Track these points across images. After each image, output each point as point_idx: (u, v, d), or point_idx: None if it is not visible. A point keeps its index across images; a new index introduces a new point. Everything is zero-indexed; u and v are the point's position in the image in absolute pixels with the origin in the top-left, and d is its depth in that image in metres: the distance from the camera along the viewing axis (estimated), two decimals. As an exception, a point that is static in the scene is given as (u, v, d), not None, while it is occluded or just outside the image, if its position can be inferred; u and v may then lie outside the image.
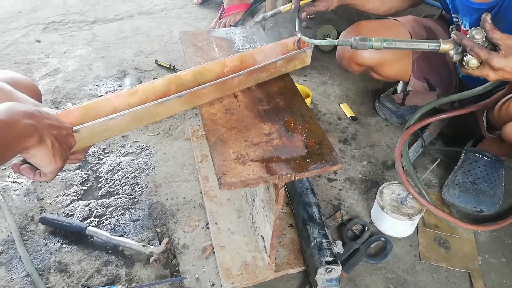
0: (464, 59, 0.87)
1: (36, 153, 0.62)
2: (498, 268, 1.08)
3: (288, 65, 0.99)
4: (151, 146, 1.42)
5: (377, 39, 0.89)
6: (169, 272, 1.04)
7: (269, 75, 0.97)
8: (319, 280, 0.95)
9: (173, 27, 2.18)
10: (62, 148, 0.66)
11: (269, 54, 1.03)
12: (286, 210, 1.17)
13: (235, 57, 0.99)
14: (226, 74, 0.98)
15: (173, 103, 0.84)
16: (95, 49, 1.96)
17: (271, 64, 0.95)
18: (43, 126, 0.63)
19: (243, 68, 0.96)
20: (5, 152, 0.56)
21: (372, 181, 1.32)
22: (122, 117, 0.78)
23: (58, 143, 0.65)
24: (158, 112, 0.84)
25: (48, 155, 0.63)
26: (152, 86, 0.90)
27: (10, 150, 0.58)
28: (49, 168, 0.65)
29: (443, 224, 1.17)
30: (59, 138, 0.65)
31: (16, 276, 1.02)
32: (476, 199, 1.17)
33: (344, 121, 1.56)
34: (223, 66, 0.99)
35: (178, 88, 0.92)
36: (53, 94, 1.65)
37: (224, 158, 0.78)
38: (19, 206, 1.19)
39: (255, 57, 1.02)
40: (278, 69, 0.97)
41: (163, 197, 1.24)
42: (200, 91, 0.88)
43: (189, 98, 0.87)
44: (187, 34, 1.21)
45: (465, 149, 1.31)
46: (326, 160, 0.79)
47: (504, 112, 1.08)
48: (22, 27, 2.12)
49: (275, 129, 0.86)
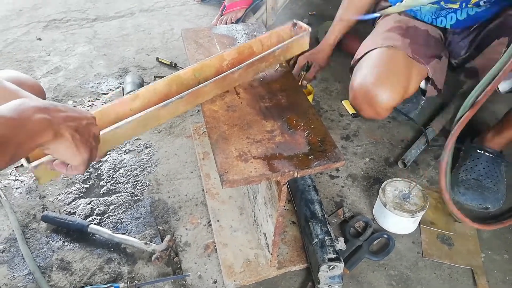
0: None
1: (56, 148, 0.60)
2: (501, 264, 1.08)
3: (287, 52, 0.98)
4: (153, 143, 1.42)
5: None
6: (171, 269, 1.04)
7: (268, 65, 0.96)
8: (321, 277, 0.95)
9: (174, 24, 2.18)
10: (84, 139, 0.63)
11: (266, 43, 1.02)
12: (288, 207, 1.16)
13: (232, 50, 0.99)
14: (226, 68, 0.97)
15: (175, 104, 0.83)
16: (96, 47, 1.96)
17: (269, 54, 0.94)
18: (58, 119, 0.60)
19: (242, 60, 0.96)
20: (18, 150, 0.55)
21: (374, 178, 1.31)
22: (127, 124, 0.76)
23: (79, 134, 0.62)
24: (162, 115, 0.83)
25: (70, 147, 0.61)
26: (153, 89, 0.89)
27: (24, 148, 0.56)
28: (76, 161, 0.63)
29: (440, 221, 1.16)
30: (79, 129, 0.62)
31: (19, 274, 1.02)
32: (481, 196, 1.17)
33: (346, 118, 1.56)
34: (221, 60, 0.98)
35: (178, 88, 0.92)
36: (54, 92, 1.65)
37: (226, 156, 0.78)
38: (21, 204, 1.19)
39: (252, 48, 1.01)
40: (277, 57, 0.97)
41: (165, 195, 1.23)
42: (201, 90, 0.87)
43: (190, 98, 0.86)
44: (188, 31, 1.20)
45: (465, 145, 1.30)
46: (328, 157, 0.78)
47: None
48: (23, 25, 2.12)
49: (277, 126, 0.86)
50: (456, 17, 1.22)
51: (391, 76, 1.14)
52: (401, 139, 1.47)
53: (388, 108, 1.14)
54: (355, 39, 1.87)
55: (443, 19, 1.23)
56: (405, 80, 1.15)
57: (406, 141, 1.46)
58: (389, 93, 1.11)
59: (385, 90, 1.11)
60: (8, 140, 0.53)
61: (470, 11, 1.19)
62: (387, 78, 1.13)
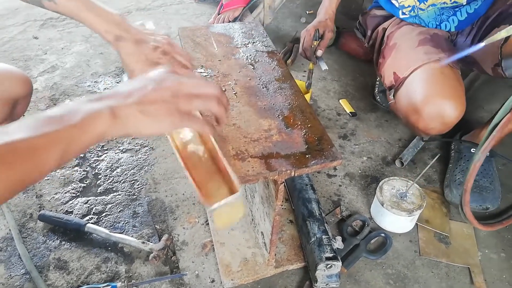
0: None
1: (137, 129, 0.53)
2: (498, 263, 1.08)
3: None
4: (150, 142, 1.41)
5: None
6: (169, 268, 1.04)
7: None
8: (319, 276, 0.95)
9: (171, 23, 2.17)
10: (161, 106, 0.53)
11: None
12: (285, 206, 1.16)
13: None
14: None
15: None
16: (93, 46, 1.95)
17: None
18: (114, 97, 0.52)
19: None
20: (72, 147, 0.48)
21: (371, 176, 1.32)
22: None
23: (149, 104, 0.53)
24: None
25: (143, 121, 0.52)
26: None
27: (77, 143, 0.49)
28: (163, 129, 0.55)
29: (435, 220, 1.17)
30: (144, 98, 0.53)
31: (15, 274, 1.01)
32: (480, 196, 1.17)
33: (343, 117, 1.56)
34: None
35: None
36: (51, 91, 1.64)
37: (223, 155, 0.78)
38: (17, 204, 1.19)
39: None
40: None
41: (162, 194, 1.23)
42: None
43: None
44: (185, 30, 1.20)
45: (456, 142, 1.29)
46: (325, 156, 0.78)
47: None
48: (20, 24, 2.11)
49: (274, 125, 0.85)
50: (457, 19, 1.23)
51: (453, 88, 1.13)
52: (398, 138, 1.47)
53: (457, 119, 1.13)
54: (352, 37, 1.88)
55: (447, 23, 1.25)
56: (462, 88, 1.15)
57: (403, 140, 1.46)
58: (458, 104, 1.10)
59: (454, 103, 1.10)
60: (54, 137, 0.47)
61: (468, 9, 1.20)
62: (451, 90, 1.12)
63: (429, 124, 1.13)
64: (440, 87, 1.12)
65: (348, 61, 1.88)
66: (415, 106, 1.13)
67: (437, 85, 1.12)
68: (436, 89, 1.12)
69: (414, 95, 1.14)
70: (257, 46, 1.12)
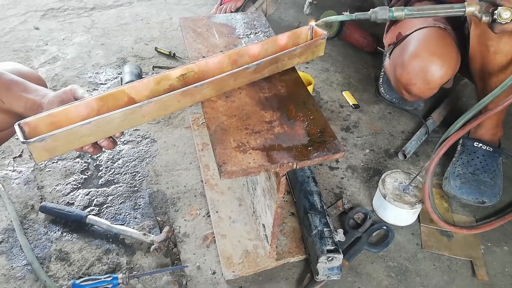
0: (495, 14, 0.81)
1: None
2: (500, 256, 1.08)
3: (300, 57, 0.94)
4: (152, 134, 1.41)
5: (397, 8, 0.87)
6: (170, 260, 1.04)
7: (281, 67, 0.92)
8: (320, 268, 0.95)
9: (173, 14, 2.15)
10: None
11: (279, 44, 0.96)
12: (287, 198, 1.16)
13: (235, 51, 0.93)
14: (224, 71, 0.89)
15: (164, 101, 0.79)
16: (94, 36, 1.94)
17: (282, 55, 0.89)
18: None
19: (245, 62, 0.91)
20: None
21: (374, 169, 1.31)
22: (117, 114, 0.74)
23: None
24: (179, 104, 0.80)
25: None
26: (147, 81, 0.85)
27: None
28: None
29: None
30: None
31: (17, 265, 1.02)
32: (477, 190, 1.16)
33: (346, 109, 1.55)
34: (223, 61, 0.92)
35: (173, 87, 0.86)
36: (52, 82, 1.63)
37: (224, 147, 0.77)
38: (19, 195, 1.19)
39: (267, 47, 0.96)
40: (288, 62, 0.93)
41: (163, 186, 1.23)
42: (199, 88, 0.82)
43: (186, 95, 0.82)
44: (186, 20, 1.19)
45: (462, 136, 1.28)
46: (328, 148, 0.78)
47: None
48: (20, 14, 2.09)
49: (276, 117, 0.85)
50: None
51: (446, 50, 1.13)
52: (401, 130, 1.46)
53: (441, 82, 1.13)
54: (355, 28, 1.86)
55: None
56: (456, 56, 1.15)
57: (407, 133, 1.45)
58: (445, 66, 1.10)
59: (441, 62, 1.09)
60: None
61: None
62: (443, 51, 1.13)
63: (411, 79, 1.14)
64: (433, 45, 1.14)
65: (352, 52, 1.86)
66: (402, 59, 1.15)
67: (430, 44, 1.14)
68: (427, 46, 1.13)
69: (406, 49, 1.17)
70: (259, 36, 1.11)
